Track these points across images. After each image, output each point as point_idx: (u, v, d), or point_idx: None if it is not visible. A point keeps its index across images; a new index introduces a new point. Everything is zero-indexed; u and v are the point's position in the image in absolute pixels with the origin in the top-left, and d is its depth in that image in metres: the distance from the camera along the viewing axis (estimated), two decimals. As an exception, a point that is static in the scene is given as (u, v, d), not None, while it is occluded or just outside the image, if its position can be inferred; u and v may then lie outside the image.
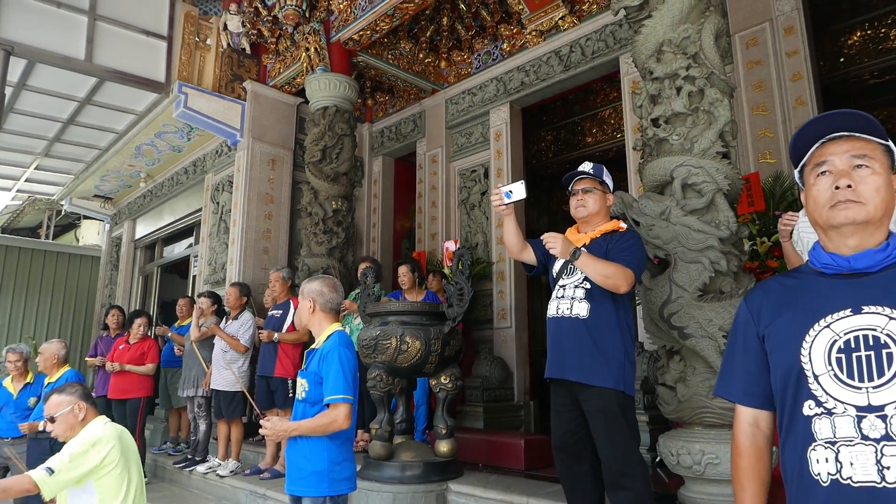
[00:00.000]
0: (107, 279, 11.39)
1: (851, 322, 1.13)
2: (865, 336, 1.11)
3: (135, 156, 9.09)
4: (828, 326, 1.15)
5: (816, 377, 1.14)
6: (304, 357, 2.54)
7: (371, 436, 4.18)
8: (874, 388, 1.08)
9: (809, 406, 1.14)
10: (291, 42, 7.28)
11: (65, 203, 11.29)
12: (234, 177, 7.45)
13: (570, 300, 2.65)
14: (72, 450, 2.44)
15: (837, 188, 1.18)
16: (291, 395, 4.81)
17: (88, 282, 12.54)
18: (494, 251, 6.70)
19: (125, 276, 10.72)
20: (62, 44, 6.40)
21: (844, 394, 1.10)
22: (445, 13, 7.17)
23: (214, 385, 5.28)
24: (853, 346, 1.12)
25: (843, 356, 1.12)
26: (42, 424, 2.83)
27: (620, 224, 2.77)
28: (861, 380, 1.09)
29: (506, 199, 2.55)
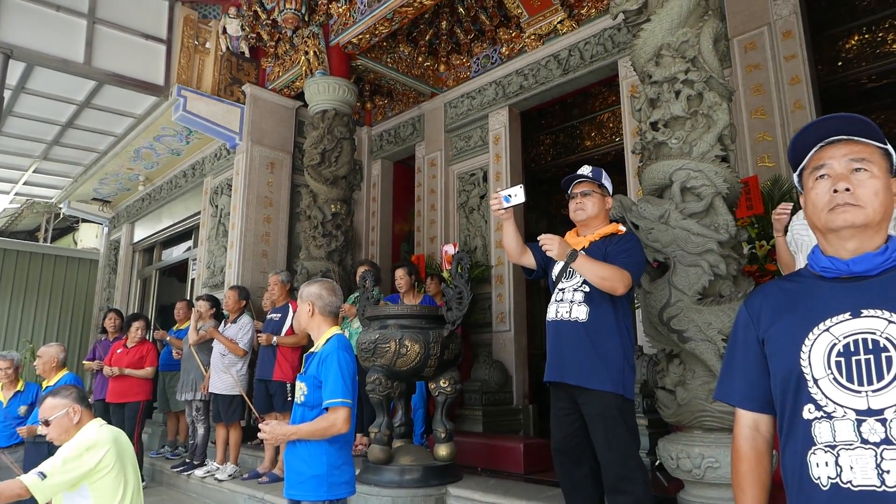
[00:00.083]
0: (105, 282, 11.37)
1: (851, 326, 1.13)
2: (865, 340, 1.11)
3: (133, 159, 9.09)
4: (827, 330, 1.15)
5: (816, 381, 1.13)
6: (303, 361, 2.53)
7: (370, 439, 4.17)
8: (874, 392, 1.07)
9: (809, 410, 1.14)
10: (290, 46, 7.28)
11: (63, 206, 11.29)
12: (233, 180, 7.45)
13: (570, 304, 2.64)
14: (65, 454, 2.42)
15: (836, 191, 1.18)
16: (290, 399, 4.79)
17: (87, 285, 12.51)
18: (493, 254, 6.69)
19: (123, 280, 10.71)
20: (61, 47, 6.41)
21: (844, 397, 1.10)
22: (444, 17, 7.18)
23: (213, 389, 5.26)
24: (852, 350, 1.11)
25: (843, 360, 1.11)
26: (40, 428, 2.82)
27: (619, 227, 2.77)
28: (860, 383, 1.09)
29: (505, 204, 2.54)
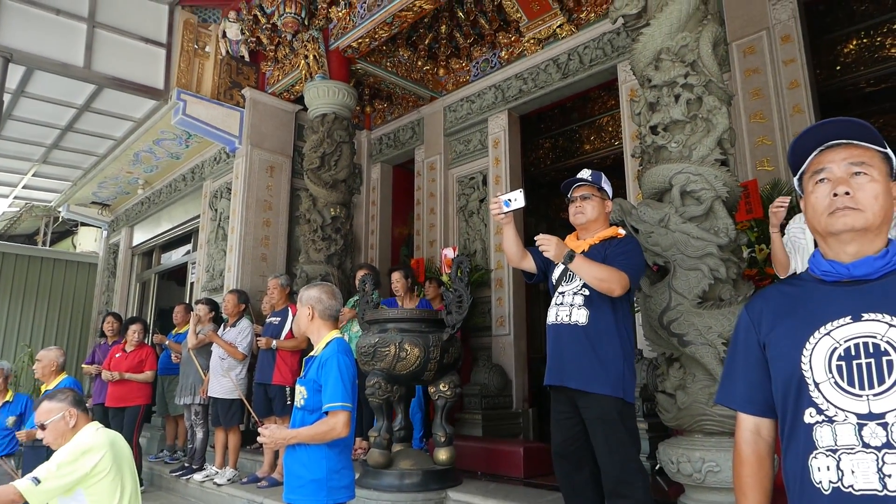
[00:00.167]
0: (104, 286, 11.36)
1: (851, 329, 1.13)
2: (865, 343, 1.10)
3: (133, 162, 9.09)
4: (828, 334, 1.15)
5: (817, 385, 1.13)
6: (303, 364, 2.52)
7: (369, 444, 4.16)
8: (875, 396, 1.07)
9: (810, 414, 1.13)
10: (290, 50, 7.30)
11: (62, 210, 11.29)
12: (233, 184, 7.45)
13: (569, 307, 2.64)
14: (60, 458, 2.40)
15: (836, 195, 1.18)
16: (289, 403, 4.79)
17: (85, 289, 12.49)
18: (493, 258, 6.69)
19: (122, 283, 10.70)
20: (61, 51, 6.42)
21: (845, 401, 1.10)
22: (444, 21, 7.20)
23: (212, 393, 5.25)
24: (853, 354, 1.11)
25: (844, 364, 1.11)
26: (38, 432, 2.81)
27: (619, 230, 2.77)
28: (861, 387, 1.09)
29: (505, 208, 2.54)
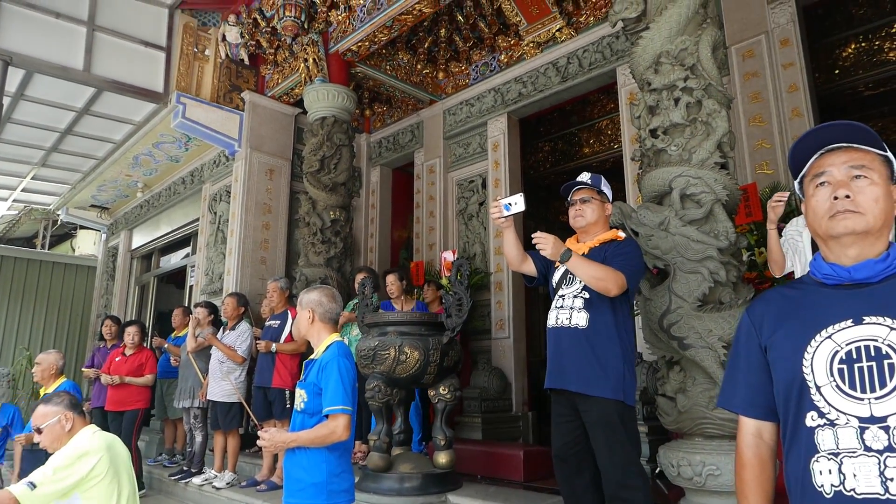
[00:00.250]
0: (103, 289, 11.34)
1: (853, 333, 1.13)
2: (867, 347, 1.10)
3: (132, 166, 9.09)
4: (829, 337, 1.14)
5: (819, 388, 1.13)
6: (303, 367, 2.52)
7: (369, 447, 4.15)
8: (876, 399, 1.07)
9: (812, 417, 1.13)
10: (290, 53, 7.31)
11: (61, 213, 11.28)
12: (232, 187, 7.45)
13: (570, 310, 2.64)
14: (56, 463, 2.39)
15: (836, 198, 1.18)
16: (289, 406, 4.78)
17: (84, 292, 12.48)
18: (492, 261, 6.69)
19: (121, 287, 10.69)
20: (61, 54, 6.42)
21: (847, 405, 1.09)
22: (443, 25, 7.21)
23: (211, 396, 5.24)
24: (855, 357, 1.11)
25: (845, 367, 1.11)
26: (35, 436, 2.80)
27: (619, 233, 2.77)
28: (863, 391, 1.08)
29: (505, 212, 2.53)
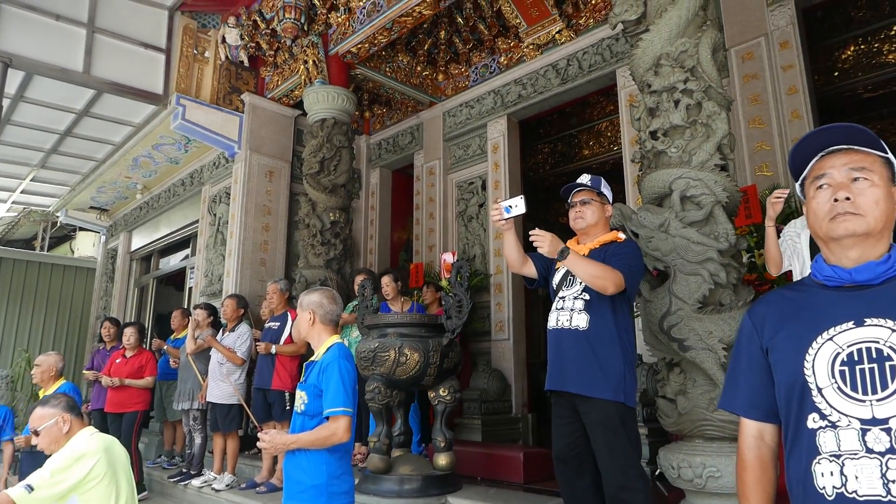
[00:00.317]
0: (102, 291, 11.33)
1: (854, 335, 1.13)
2: (868, 349, 1.10)
3: (132, 167, 9.09)
4: (831, 339, 1.14)
5: (820, 390, 1.13)
6: (303, 369, 2.52)
7: (368, 449, 4.14)
8: (878, 401, 1.07)
9: (814, 419, 1.13)
10: (290, 55, 7.31)
11: (60, 215, 11.27)
12: (232, 188, 7.45)
13: (570, 311, 2.64)
14: (53, 465, 2.38)
15: (836, 200, 1.19)
16: (289, 408, 4.77)
17: (83, 294, 12.47)
18: (492, 263, 6.69)
19: (120, 288, 10.68)
20: (60, 56, 6.42)
21: (848, 407, 1.09)
22: (443, 27, 7.22)
23: (211, 398, 5.23)
24: (856, 359, 1.11)
25: (847, 369, 1.11)
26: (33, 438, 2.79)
27: (619, 235, 2.77)
28: (865, 392, 1.08)
29: (506, 214, 2.53)
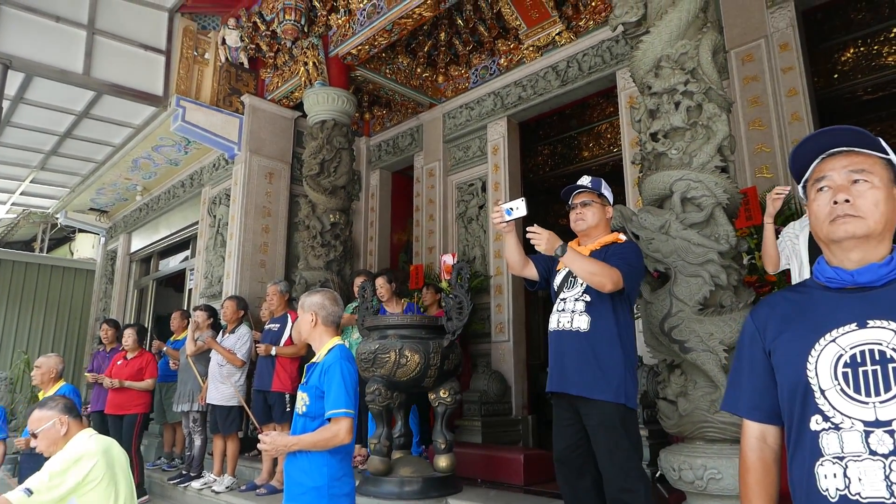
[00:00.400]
0: (101, 293, 11.33)
1: (857, 336, 1.13)
2: (871, 350, 1.10)
3: (131, 169, 9.09)
4: (833, 341, 1.14)
5: (823, 392, 1.13)
6: (304, 371, 2.52)
7: (369, 451, 4.14)
8: (881, 403, 1.07)
9: (816, 421, 1.13)
10: (290, 56, 7.31)
11: (60, 216, 11.27)
12: (232, 190, 7.45)
13: (571, 313, 2.64)
14: (52, 468, 2.38)
15: (836, 203, 1.19)
16: (289, 410, 4.77)
17: (83, 295, 12.45)
18: (492, 264, 6.69)
19: (120, 290, 10.67)
20: (60, 57, 6.43)
21: (851, 408, 1.09)
22: (443, 29, 7.23)
23: (210, 399, 5.22)
24: (859, 361, 1.11)
25: (850, 371, 1.11)
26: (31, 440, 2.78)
27: (620, 236, 2.77)
28: (868, 394, 1.08)
29: (507, 217, 2.52)
